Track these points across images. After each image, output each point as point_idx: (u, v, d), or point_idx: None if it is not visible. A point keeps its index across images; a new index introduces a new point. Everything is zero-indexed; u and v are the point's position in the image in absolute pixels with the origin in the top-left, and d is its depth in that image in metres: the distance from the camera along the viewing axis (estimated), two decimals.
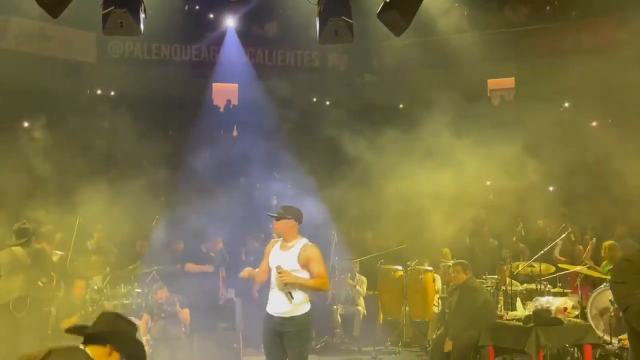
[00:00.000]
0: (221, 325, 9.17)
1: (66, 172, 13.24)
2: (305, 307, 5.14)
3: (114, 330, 3.20)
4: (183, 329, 8.17)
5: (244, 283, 9.55)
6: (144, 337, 8.09)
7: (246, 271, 5.43)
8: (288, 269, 5.06)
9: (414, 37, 17.36)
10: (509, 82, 18.78)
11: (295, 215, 5.26)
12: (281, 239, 5.34)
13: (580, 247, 9.29)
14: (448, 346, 7.05)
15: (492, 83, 19.12)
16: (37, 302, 7.07)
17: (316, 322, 9.23)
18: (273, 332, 5.10)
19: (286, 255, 5.16)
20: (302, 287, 5.07)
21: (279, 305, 5.09)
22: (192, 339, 8.23)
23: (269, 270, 5.28)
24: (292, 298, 4.99)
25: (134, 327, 3.38)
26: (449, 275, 9.11)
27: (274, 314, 5.10)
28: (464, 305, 7.21)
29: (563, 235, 8.57)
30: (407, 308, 9.10)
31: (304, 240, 5.21)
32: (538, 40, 17.54)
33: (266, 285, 8.82)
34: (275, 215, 5.27)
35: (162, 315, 8.04)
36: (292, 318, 5.06)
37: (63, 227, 10.59)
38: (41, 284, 7.24)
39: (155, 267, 9.41)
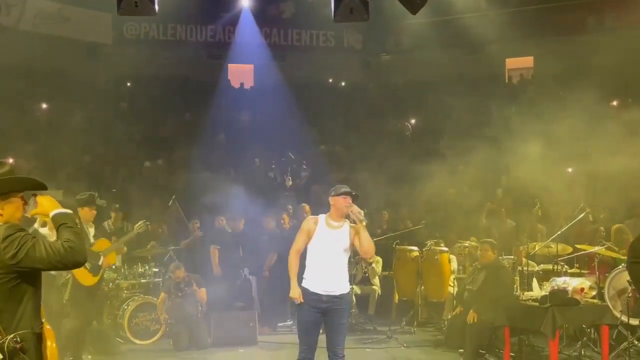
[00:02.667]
0: (238, 304, 9.25)
1: (83, 153, 13.38)
2: (349, 284, 5.28)
3: None
4: (200, 308, 8.26)
5: (258, 262, 9.63)
6: (161, 315, 8.21)
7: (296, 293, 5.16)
8: (342, 247, 5.12)
9: (431, 16, 17.17)
10: (527, 61, 18.50)
11: None
12: (322, 216, 5.25)
13: (602, 228, 9.18)
14: (471, 317, 7.05)
15: (511, 62, 18.85)
16: (50, 277, 7.04)
17: None
18: (317, 311, 5.06)
19: (339, 234, 5.13)
20: (364, 233, 5.10)
21: (329, 284, 5.06)
22: (208, 318, 8.33)
23: (304, 248, 5.22)
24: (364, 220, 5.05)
25: None
26: (466, 255, 9.13)
27: (322, 293, 5.04)
28: (491, 284, 7.17)
29: (581, 216, 8.45)
30: (422, 288, 9.10)
31: (347, 221, 5.20)
32: (558, 19, 17.21)
33: (279, 265, 8.89)
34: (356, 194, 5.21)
35: (179, 294, 8.13)
36: (342, 296, 5.10)
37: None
38: None
39: (172, 247, 9.50)
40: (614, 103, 15.18)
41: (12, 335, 2.68)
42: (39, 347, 2.85)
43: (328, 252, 5.11)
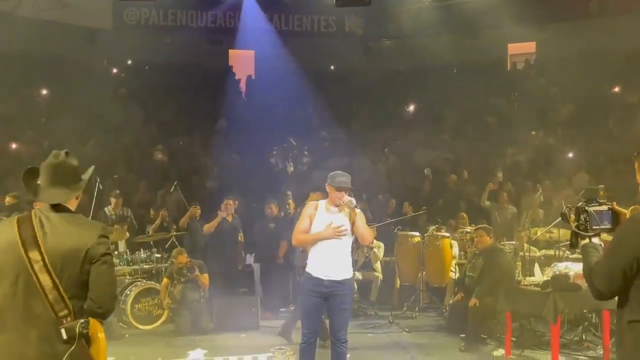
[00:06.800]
0: (240, 289, 9.29)
1: (83, 139, 13.35)
2: (352, 270, 5.33)
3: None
4: (202, 294, 8.29)
5: (263, 248, 9.65)
6: (164, 300, 8.25)
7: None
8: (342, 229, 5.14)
9: (433, 1, 17.06)
10: (529, 46, 18.38)
11: None
12: (321, 202, 5.30)
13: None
14: (473, 302, 7.10)
15: (512, 48, 18.73)
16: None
17: None
18: (319, 295, 5.10)
19: (338, 218, 5.15)
20: (359, 220, 5.15)
21: (330, 269, 5.09)
22: (211, 303, 8.36)
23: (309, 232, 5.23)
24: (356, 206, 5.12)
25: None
26: (467, 241, 9.15)
27: (324, 278, 5.07)
28: (490, 269, 7.19)
29: (581, 197, 8.41)
30: (423, 273, 9.12)
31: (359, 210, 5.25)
32: (561, 3, 17.06)
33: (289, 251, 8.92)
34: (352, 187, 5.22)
35: (182, 279, 8.16)
36: (343, 281, 5.12)
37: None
38: None
39: (174, 233, 9.51)
40: (616, 89, 15.13)
41: (82, 321, 2.73)
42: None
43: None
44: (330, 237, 5.08)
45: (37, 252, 2.72)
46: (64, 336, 2.67)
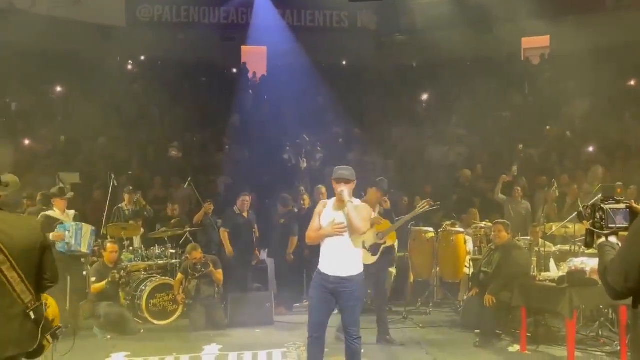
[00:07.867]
0: (254, 285, 9.31)
1: (98, 135, 13.45)
2: (361, 267, 5.24)
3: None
4: (216, 289, 8.32)
5: (277, 244, 9.67)
6: (178, 296, 8.29)
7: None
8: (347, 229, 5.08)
9: None
10: (543, 40, 18.22)
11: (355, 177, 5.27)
12: (331, 200, 5.29)
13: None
14: (488, 300, 7.07)
15: (526, 42, 18.58)
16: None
17: None
18: (326, 291, 5.12)
19: (341, 214, 5.12)
20: (352, 212, 5.01)
21: (336, 266, 5.10)
22: (225, 299, 8.39)
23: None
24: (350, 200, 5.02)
25: None
26: (481, 236, 9.10)
27: (330, 274, 5.10)
28: (506, 265, 7.16)
29: (599, 196, 8.35)
30: (437, 269, 9.09)
31: (357, 201, 5.21)
32: None
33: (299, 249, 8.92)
34: (351, 178, 5.15)
35: (196, 275, 8.18)
36: (349, 278, 5.11)
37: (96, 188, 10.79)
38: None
39: (188, 229, 9.56)
40: (632, 82, 14.97)
41: (44, 302, 3.14)
42: None
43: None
44: (331, 234, 5.09)
45: (0, 254, 2.95)
46: (32, 316, 3.05)
